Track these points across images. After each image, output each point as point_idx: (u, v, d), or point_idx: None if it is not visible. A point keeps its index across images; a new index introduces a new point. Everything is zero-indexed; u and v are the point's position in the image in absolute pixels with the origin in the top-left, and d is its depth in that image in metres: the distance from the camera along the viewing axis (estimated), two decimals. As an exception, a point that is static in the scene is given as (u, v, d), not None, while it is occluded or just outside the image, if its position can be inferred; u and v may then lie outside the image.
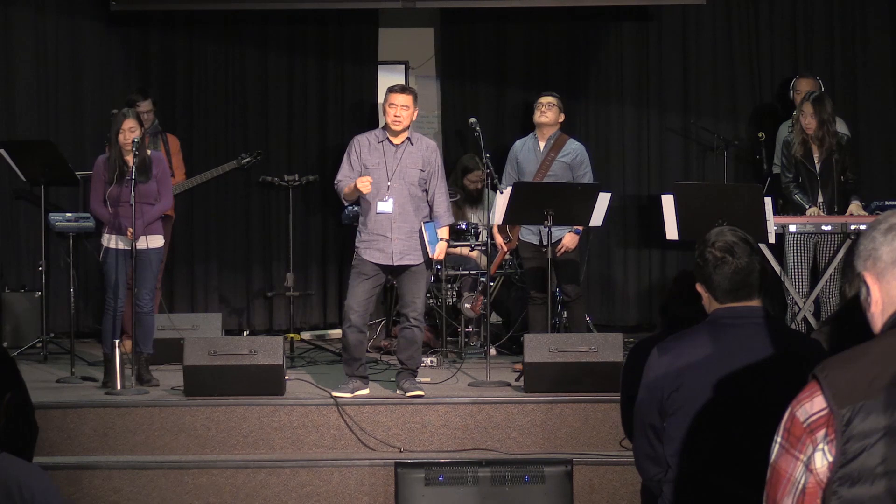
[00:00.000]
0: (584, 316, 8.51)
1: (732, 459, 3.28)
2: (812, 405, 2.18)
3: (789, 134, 8.25)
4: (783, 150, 8.27)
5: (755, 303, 3.38)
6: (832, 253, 7.98)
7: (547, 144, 8.26)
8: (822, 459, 2.16)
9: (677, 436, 3.33)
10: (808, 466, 2.17)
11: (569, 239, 8.14)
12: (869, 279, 2.29)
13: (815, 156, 8.02)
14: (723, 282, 3.36)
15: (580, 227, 8.06)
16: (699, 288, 3.43)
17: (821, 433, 2.16)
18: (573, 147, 8.28)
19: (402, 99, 7.07)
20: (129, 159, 7.23)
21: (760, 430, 3.22)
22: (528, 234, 8.18)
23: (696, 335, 3.40)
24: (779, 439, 2.22)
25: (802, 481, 2.18)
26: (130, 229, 7.13)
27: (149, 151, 7.42)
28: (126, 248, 7.23)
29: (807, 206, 7.98)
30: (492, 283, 8.81)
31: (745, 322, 3.35)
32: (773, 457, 2.23)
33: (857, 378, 2.16)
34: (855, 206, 7.96)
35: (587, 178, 8.18)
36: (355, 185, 6.96)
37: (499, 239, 8.41)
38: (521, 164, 8.28)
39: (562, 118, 8.33)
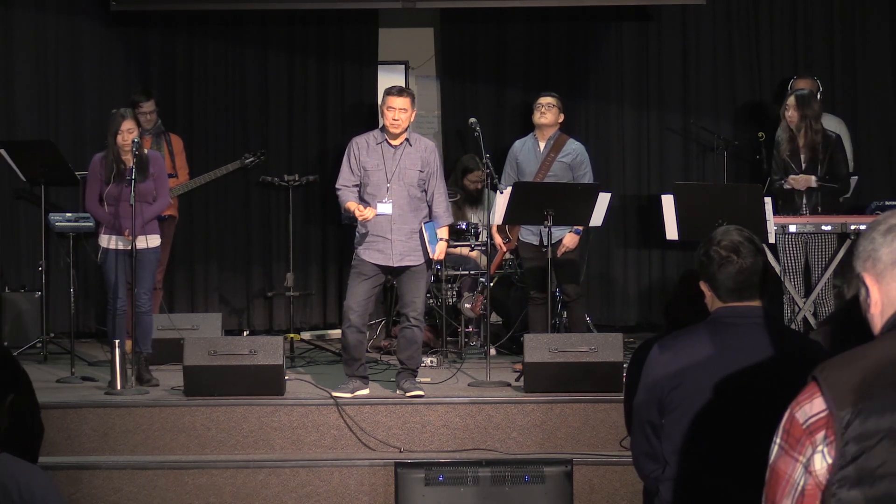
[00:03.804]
0: (585, 316, 8.51)
1: (729, 459, 3.29)
2: (811, 407, 2.17)
3: (780, 133, 8.23)
4: (774, 150, 8.23)
5: (756, 303, 3.38)
6: (831, 253, 7.91)
7: (547, 145, 8.25)
8: (821, 461, 2.16)
9: (675, 434, 3.34)
10: (808, 468, 2.17)
11: (569, 239, 8.13)
12: (868, 280, 2.28)
13: (802, 156, 7.97)
14: (727, 281, 3.36)
15: (580, 227, 8.06)
16: (703, 286, 3.43)
17: (820, 435, 2.15)
18: (573, 147, 8.27)
19: (401, 101, 7.05)
20: (128, 159, 7.21)
21: (758, 431, 3.22)
22: (528, 234, 8.18)
23: (697, 333, 3.41)
24: (778, 440, 2.21)
25: (801, 483, 2.17)
26: (128, 230, 7.12)
27: (146, 150, 7.40)
28: (125, 248, 7.22)
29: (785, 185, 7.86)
30: (490, 284, 8.80)
31: (745, 322, 3.35)
32: (772, 458, 2.22)
33: (857, 380, 2.15)
34: (805, 179, 7.81)
35: (587, 178, 8.17)
36: (354, 210, 6.97)
37: (498, 239, 8.40)
38: (520, 165, 8.27)
39: (561, 118, 8.33)
